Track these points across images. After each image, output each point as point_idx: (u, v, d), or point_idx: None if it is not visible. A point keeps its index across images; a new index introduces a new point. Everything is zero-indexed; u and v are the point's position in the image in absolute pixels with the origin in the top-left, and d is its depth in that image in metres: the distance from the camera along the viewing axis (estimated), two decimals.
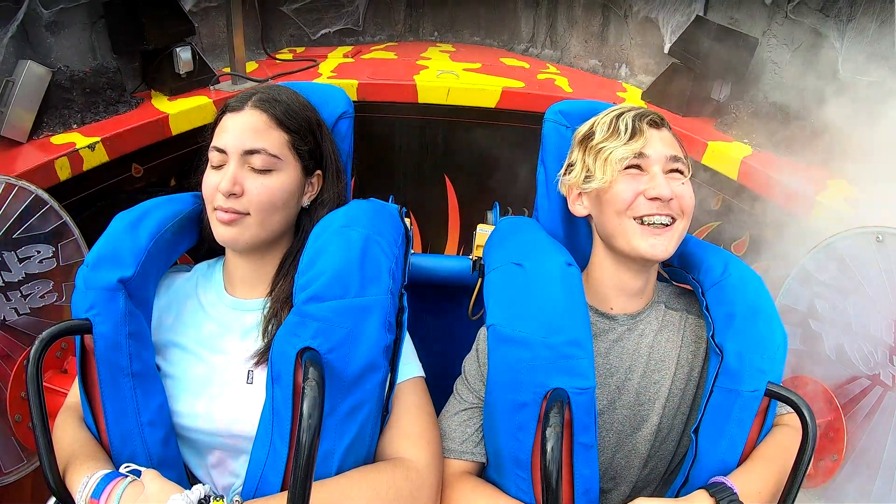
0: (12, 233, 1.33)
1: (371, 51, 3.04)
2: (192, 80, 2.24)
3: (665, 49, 2.48)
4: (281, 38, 3.04)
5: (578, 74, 2.88)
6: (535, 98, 2.47)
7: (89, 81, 2.01)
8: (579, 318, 0.90)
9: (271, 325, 0.94)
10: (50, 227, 1.41)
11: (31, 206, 1.36)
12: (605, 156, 0.98)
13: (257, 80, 2.39)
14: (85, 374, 0.91)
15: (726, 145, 2.00)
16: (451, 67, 2.73)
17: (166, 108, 2.07)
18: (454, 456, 0.98)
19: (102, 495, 0.80)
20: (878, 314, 1.22)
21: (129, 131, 1.91)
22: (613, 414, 1.01)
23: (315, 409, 0.72)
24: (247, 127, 0.95)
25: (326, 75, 2.55)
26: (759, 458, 0.92)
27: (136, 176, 2.02)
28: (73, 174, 1.72)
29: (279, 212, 0.97)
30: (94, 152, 1.79)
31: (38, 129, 1.80)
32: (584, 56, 3.00)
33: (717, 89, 2.23)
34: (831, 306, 1.32)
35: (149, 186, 2.07)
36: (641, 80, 2.70)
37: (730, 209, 1.99)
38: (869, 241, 1.23)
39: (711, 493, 0.85)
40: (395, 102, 2.52)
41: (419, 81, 2.49)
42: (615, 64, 2.86)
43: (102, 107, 2.00)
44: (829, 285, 1.32)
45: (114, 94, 2.06)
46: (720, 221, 2.03)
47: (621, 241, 0.98)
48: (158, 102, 2.13)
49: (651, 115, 1.01)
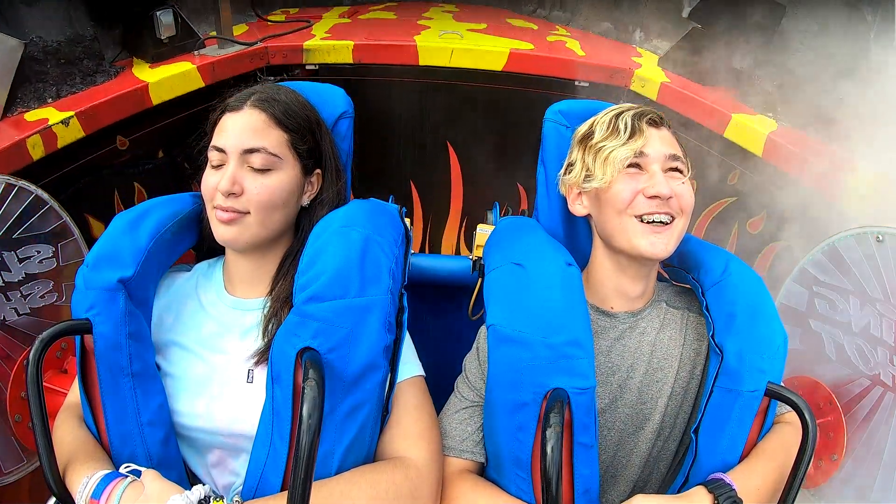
0: (12, 233, 1.33)
1: (369, 11, 2.89)
2: (174, 45, 2.08)
3: (684, 13, 2.29)
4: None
5: (590, 37, 2.68)
6: (546, 61, 2.28)
7: (64, 52, 1.85)
8: (579, 317, 0.90)
9: (271, 325, 0.94)
10: (50, 227, 1.41)
11: (31, 206, 1.36)
12: (604, 155, 0.98)
13: (245, 43, 2.24)
14: (85, 374, 0.91)
15: (750, 119, 1.84)
16: (455, 28, 2.56)
17: (147, 77, 1.92)
18: (454, 454, 0.98)
19: (102, 496, 0.80)
20: (878, 314, 1.22)
21: (106, 103, 1.77)
22: (615, 412, 1.01)
23: (315, 410, 0.72)
24: (246, 126, 0.95)
25: (320, 36, 2.39)
26: (759, 455, 0.93)
27: (122, 149, 1.89)
28: (48, 153, 1.60)
29: (279, 211, 0.97)
30: (68, 128, 1.66)
31: (11, 105, 1.67)
32: (595, 18, 2.80)
33: (740, 58, 2.03)
34: (831, 306, 1.32)
35: (135, 159, 1.95)
36: (657, 45, 2.51)
37: (747, 184, 1.88)
38: (869, 241, 1.23)
39: (710, 490, 0.86)
40: (394, 65, 2.36)
41: (420, 42, 2.33)
42: (629, 27, 2.65)
43: (79, 78, 1.83)
44: (829, 285, 1.32)
45: (91, 63, 1.89)
46: (736, 197, 1.93)
47: (621, 240, 0.98)
48: (139, 71, 1.97)
49: (650, 114, 1.01)
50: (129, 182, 1.96)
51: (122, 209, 1.90)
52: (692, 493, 0.87)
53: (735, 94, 2.01)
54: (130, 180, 1.96)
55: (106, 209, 1.88)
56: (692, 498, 0.86)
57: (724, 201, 1.98)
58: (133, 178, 1.96)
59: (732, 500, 0.84)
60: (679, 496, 0.87)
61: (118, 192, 1.91)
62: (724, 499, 0.83)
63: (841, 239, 1.29)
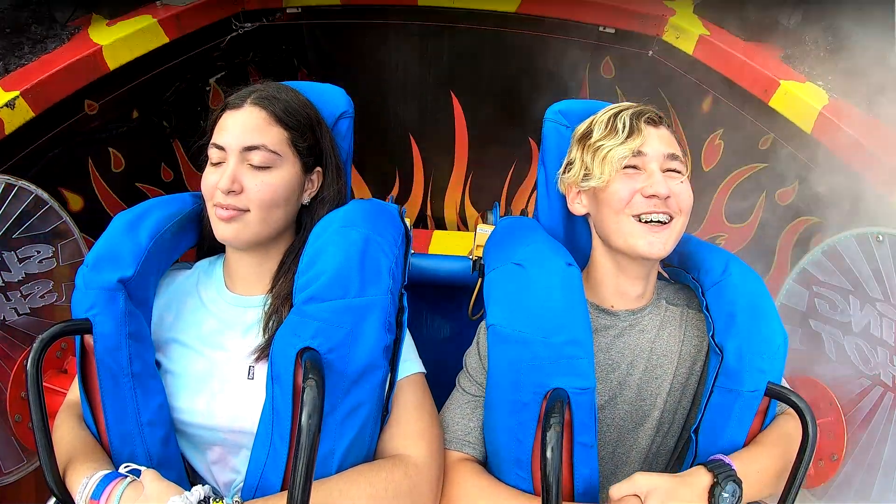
0: (12, 233, 1.33)
1: None
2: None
3: None
4: None
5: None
6: (566, 3, 2.00)
7: (9, 19, 1.67)
8: (579, 317, 0.90)
9: (272, 322, 0.94)
10: (50, 227, 1.41)
11: (31, 206, 1.36)
12: (602, 154, 0.99)
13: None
14: (85, 374, 0.91)
15: (800, 87, 1.63)
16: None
17: (101, 39, 1.70)
18: (456, 447, 0.98)
19: (102, 496, 0.80)
20: (878, 314, 1.22)
21: (56, 76, 1.57)
22: (615, 409, 1.02)
23: (315, 410, 0.72)
24: (246, 124, 0.95)
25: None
26: (761, 442, 0.93)
27: (91, 114, 1.73)
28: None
29: (279, 209, 0.97)
30: (14, 111, 1.49)
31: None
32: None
33: (787, 13, 1.83)
34: (831, 306, 1.32)
35: (107, 124, 1.80)
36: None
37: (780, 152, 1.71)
38: (869, 241, 1.23)
39: (709, 469, 0.86)
40: (391, 5, 2.09)
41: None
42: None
43: (28, 47, 1.63)
44: (829, 285, 1.32)
45: (40, 29, 1.69)
46: (766, 164, 1.77)
47: (619, 240, 0.98)
48: (96, 31, 1.73)
49: (649, 113, 1.01)
50: (102, 148, 1.81)
51: (98, 179, 1.79)
52: (692, 472, 0.87)
53: (781, 53, 1.78)
54: (104, 146, 1.81)
55: (81, 180, 1.74)
56: (692, 476, 0.86)
57: (755, 167, 1.83)
58: (107, 143, 1.82)
59: (732, 479, 0.83)
60: (679, 475, 0.87)
61: (92, 161, 1.77)
62: (724, 477, 0.83)
63: (841, 239, 1.29)
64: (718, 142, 1.97)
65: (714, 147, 1.98)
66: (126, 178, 1.91)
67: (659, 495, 0.82)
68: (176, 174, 2.12)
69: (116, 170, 1.87)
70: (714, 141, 1.97)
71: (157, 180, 2.06)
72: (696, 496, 0.83)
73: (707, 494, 0.84)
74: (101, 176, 1.82)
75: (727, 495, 0.83)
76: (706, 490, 0.84)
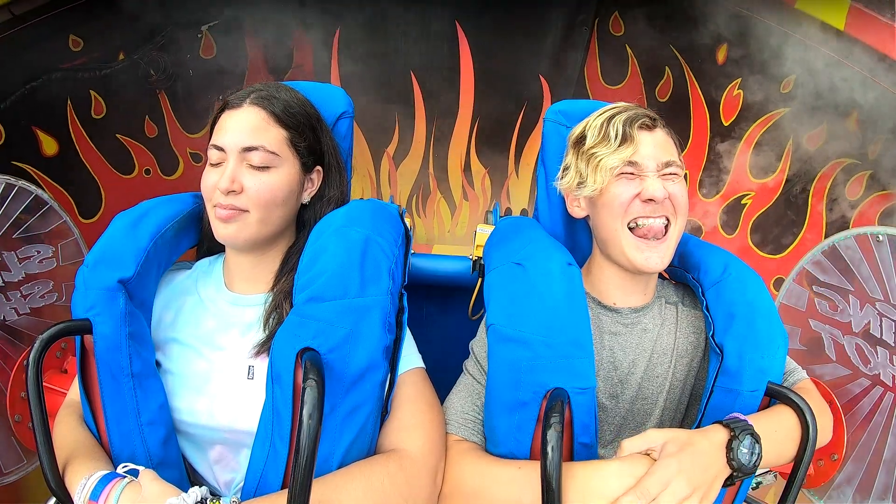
0: (12, 233, 1.33)
1: None
2: None
3: None
4: None
5: None
6: None
7: None
8: (580, 317, 0.90)
9: (273, 319, 0.94)
10: (50, 227, 1.41)
11: (31, 206, 1.36)
12: (595, 162, 0.99)
13: None
14: (85, 374, 0.91)
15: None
16: None
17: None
18: (456, 430, 0.97)
19: (100, 497, 0.80)
20: (878, 314, 1.22)
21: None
22: (616, 408, 1.02)
23: (315, 410, 0.72)
24: (245, 124, 0.95)
25: None
26: (774, 410, 0.91)
27: (75, 50, 1.65)
28: None
29: (278, 208, 0.97)
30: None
31: None
32: None
33: None
34: (831, 306, 1.32)
35: (91, 63, 1.70)
36: None
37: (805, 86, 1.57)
38: (869, 241, 1.23)
39: (725, 425, 0.84)
40: None
41: None
42: None
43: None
44: (829, 285, 1.32)
45: None
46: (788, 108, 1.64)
47: (616, 251, 0.99)
48: None
49: (643, 118, 1.00)
50: (83, 89, 1.71)
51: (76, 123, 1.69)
52: (708, 428, 0.85)
53: None
54: (85, 87, 1.72)
55: (57, 121, 1.65)
56: (709, 431, 0.84)
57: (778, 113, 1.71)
58: (88, 84, 1.72)
59: (749, 433, 0.82)
60: (696, 431, 0.85)
61: (71, 102, 1.69)
62: (741, 431, 0.82)
63: (841, 239, 1.29)
64: (737, 92, 1.88)
65: (732, 98, 1.89)
66: (106, 127, 1.80)
67: (675, 444, 0.81)
68: (160, 129, 1.98)
69: (97, 116, 1.77)
70: (732, 91, 1.89)
71: (140, 134, 1.93)
72: (713, 448, 0.82)
73: (725, 448, 0.82)
74: (79, 120, 1.72)
75: (745, 449, 0.81)
76: (723, 444, 0.82)
